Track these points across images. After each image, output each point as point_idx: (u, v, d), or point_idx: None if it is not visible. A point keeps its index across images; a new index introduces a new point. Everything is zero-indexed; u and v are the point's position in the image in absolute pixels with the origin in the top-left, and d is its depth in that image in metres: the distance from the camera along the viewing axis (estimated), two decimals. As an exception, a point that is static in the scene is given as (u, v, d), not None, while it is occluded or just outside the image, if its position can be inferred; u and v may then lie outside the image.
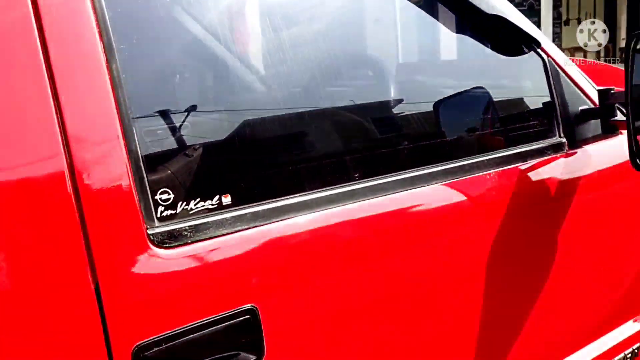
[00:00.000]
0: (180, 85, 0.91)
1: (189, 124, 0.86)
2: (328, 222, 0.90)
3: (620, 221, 1.37)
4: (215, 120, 0.92)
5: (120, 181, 0.73)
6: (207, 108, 0.93)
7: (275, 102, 1.00)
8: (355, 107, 1.13)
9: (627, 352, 1.42)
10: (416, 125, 1.14)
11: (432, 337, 1.05)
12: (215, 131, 0.90)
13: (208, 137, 0.89)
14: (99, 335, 0.70)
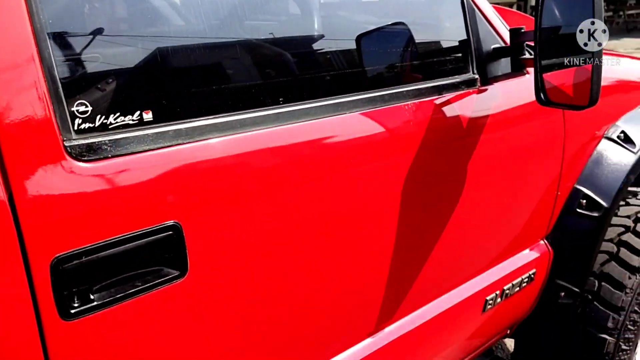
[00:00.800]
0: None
1: (111, 38, 0.83)
2: (248, 144, 0.91)
3: (524, 156, 1.47)
4: (139, 36, 0.88)
5: (33, 90, 0.70)
6: (131, 23, 0.90)
7: (200, 24, 0.98)
8: (280, 38, 1.12)
9: (524, 277, 1.55)
10: (338, 56, 1.16)
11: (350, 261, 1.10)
12: (139, 47, 0.87)
13: (131, 52, 0.86)
14: (15, 247, 0.68)
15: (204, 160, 0.85)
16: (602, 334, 1.68)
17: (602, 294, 1.68)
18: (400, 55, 1.26)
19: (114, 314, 0.77)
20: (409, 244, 1.21)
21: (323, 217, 1.02)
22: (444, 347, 1.42)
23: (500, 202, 1.44)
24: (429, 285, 1.29)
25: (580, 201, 1.63)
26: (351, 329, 1.15)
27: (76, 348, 0.75)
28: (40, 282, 0.70)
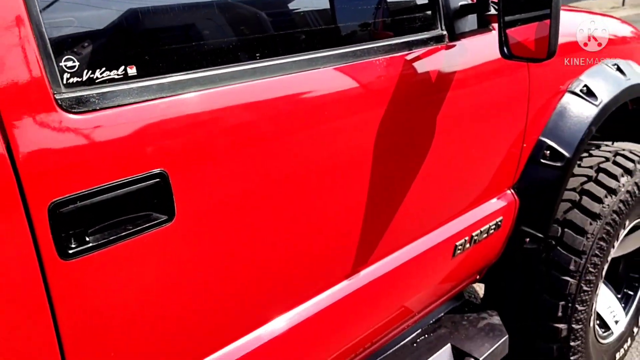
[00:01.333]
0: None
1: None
2: (227, 97, 0.96)
3: (490, 110, 1.54)
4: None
5: (24, 47, 0.74)
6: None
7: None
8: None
9: (491, 224, 1.65)
10: (312, 14, 1.20)
11: (327, 208, 1.17)
12: (123, 5, 0.91)
13: (115, 10, 0.90)
14: (15, 193, 0.74)
15: (186, 113, 0.90)
16: (564, 276, 1.79)
17: (565, 239, 1.79)
18: (370, 12, 1.31)
19: (108, 254, 0.83)
20: (383, 193, 1.28)
21: (300, 167, 1.09)
22: (418, 289, 1.51)
23: (467, 153, 1.52)
24: (402, 231, 1.37)
25: (544, 152, 1.72)
26: (330, 272, 1.24)
27: (74, 286, 0.81)
28: (39, 226, 0.76)
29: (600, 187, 1.84)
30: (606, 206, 1.82)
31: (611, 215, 1.84)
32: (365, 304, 1.34)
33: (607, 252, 1.87)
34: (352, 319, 1.34)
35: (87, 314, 0.84)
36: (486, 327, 1.75)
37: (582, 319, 1.87)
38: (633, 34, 2.24)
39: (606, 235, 1.84)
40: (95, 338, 0.86)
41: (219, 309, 1.02)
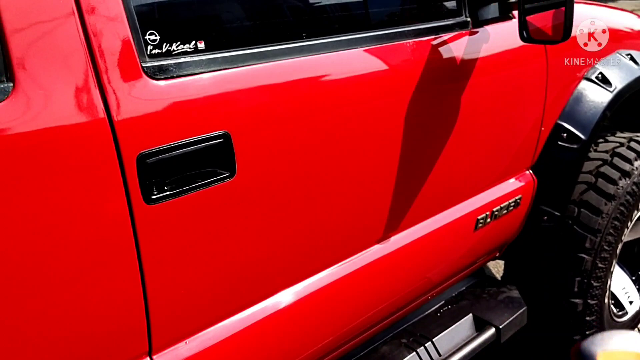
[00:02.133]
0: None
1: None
2: (279, 71, 1.10)
3: (511, 94, 1.66)
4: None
5: (118, 22, 0.88)
6: None
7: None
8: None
9: (511, 202, 1.76)
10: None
11: (362, 177, 1.30)
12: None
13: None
14: (111, 146, 0.87)
15: (244, 83, 1.04)
16: (580, 253, 1.90)
17: (581, 218, 1.90)
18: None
19: (182, 203, 0.97)
20: (411, 167, 1.41)
21: (339, 137, 1.21)
22: (442, 259, 1.64)
23: (490, 134, 1.64)
24: (429, 202, 1.49)
25: (561, 135, 1.83)
26: (363, 235, 1.36)
27: (156, 228, 0.95)
28: (130, 174, 0.90)
29: (615, 170, 1.94)
30: (620, 188, 1.93)
31: (625, 196, 1.94)
32: (394, 268, 1.47)
33: (621, 232, 1.97)
34: (382, 282, 1.46)
35: (165, 252, 0.98)
36: (506, 299, 1.86)
37: (597, 295, 1.97)
38: (648, 28, 2.34)
39: (620, 215, 1.94)
40: (171, 272, 1.00)
41: (272, 256, 1.16)
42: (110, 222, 0.90)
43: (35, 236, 0.83)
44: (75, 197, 0.86)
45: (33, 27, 0.81)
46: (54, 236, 0.85)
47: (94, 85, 0.86)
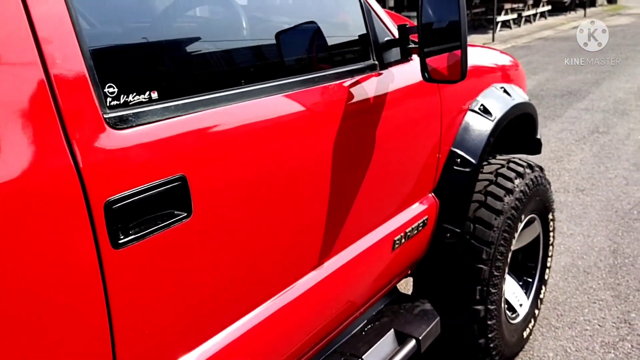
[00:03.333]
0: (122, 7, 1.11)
1: (126, 36, 1.07)
2: (222, 115, 1.18)
3: (413, 126, 1.86)
4: (143, 36, 1.13)
5: (81, 78, 0.93)
6: (139, 27, 1.14)
7: (182, 32, 1.25)
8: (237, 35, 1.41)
9: (419, 222, 1.95)
10: (274, 49, 1.46)
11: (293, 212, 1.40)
12: (145, 43, 1.11)
13: (140, 46, 1.10)
14: (80, 194, 0.91)
15: (195, 128, 1.11)
16: (479, 264, 2.13)
17: (477, 233, 2.14)
18: (317, 47, 1.59)
19: (145, 245, 1.01)
20: (333, 198, 1.53)
21: (273, 176, 1.31)
22: (367, 279, 1.77)
23: (398, 162, 1.82)
24: (352, 229, 1.63)
25: (456, 160, 2.07)
26: (300, 263, 1.46)
27: (122, 272, 0.99)
28: (98, 220, 0.93)
29: (500, 188, 2.22)
30: (506, 204, 2.20)
31: (510, 211, 2.22)
32: (327, 293, 1.58)
33: (510, 242, 2.25)
34: (318, 307, 1.56)
35: (130, 293, 1.01)
36: (421, 313, 2.03)
37: (495, 301, 2.22)
38: (511, 62, 2.71)
39: (508, 228, 2.21)
40: (138, 311, 1.03)
41: (224, 290, 1.22)
42: (79, 269, 0.93)
43: (6, 282, 0.84)
44: (47, 244, 0.88)
45: (3, 89, 0.84)
46: (24, 282, 0.86)
47: (61, 137, 0.89)
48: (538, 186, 2.39)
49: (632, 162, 5.11)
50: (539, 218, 2.56)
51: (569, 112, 7.03)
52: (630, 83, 8.65)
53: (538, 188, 2.39)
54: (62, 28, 0.92)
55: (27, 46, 0.86)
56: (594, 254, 3.45)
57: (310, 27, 1.55)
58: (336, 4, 1.66)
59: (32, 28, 0.87)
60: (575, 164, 5.15)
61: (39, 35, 0.88)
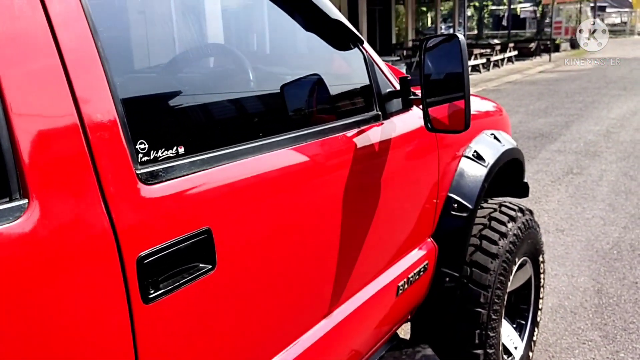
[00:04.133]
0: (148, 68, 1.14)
1: (154, 93, 1.10)
2: (242, 168, 1.20)
3: (415, 171, 1.91)
4: (172, 95, 1.16)
5: (115, 134, 0.95)
6: (165, 84, 1.17)
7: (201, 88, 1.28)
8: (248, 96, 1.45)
9: (420, 267, 1.98)
10: (285, 102, 1.50)
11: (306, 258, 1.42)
12: (170, 101, 1.14)
13: (167, 104, 1.13)
14: (114, 249, 0.91)
15: (219, 181, 1.13)
16: (477, 308, 2.15)
17: (474, 277, 2.17)
18: (326, 100, 1.64)
19: (173, 299, 1.01)
20: (342, 246, 1.55)
21: (291, 226, 1.33)
22: (373, 325, 1.78)
23: (401, 208, 1.86)
24: (359, 276, 1.64)
25: (453, 205, 2.11)
26: (313, 312, 1.47)
27: (151, 326, 0.98)
28: (130, 275, 0.93)
29: (494, 232, 2.27)
30: (501, 247, 2.24)
31: (505, 254, 2.26)
32: (333, 344, 1.57)
33: (505, 285, 2.28)
34: (327, 356, 1.55)
35: (158, 347, 1.00)
36: (423, 358, 2.04)
37: (493, 344, 2.23)
38: (495, 107, 2.80)
39: (504, 271, 2.25)
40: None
41: (248, 339, 1.21)
42: (111, 325, 0.92)
43: (45, 334, 0.83)
44: (80, 300, 0.88)
45: (43, 144, 0.85)
46: (57, 336, 0.85)
47: (97, 192, 0.90)
48: (529, 229, 2.45)
49: (607, 202, 5.26)
50: (530, 260, 2.61)
51: (543, 154, 7.24)
52: (599, 125, 8.97)
53: (529, 231, 2.45)
54: (99, 88, 0.94)
55: (67, 106, 0.88)
56: (579, 294, 3.51)
57: (318, 80, 1.60)
58: (341, 58, 1.72)
59: (72, 89, 0.89)
60: (553, 205, 5.27)
61: (78, 95, 0.90)
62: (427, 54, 1.60)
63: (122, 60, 1.09)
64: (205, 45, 1.45)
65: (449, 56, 1.57)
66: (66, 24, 0.92)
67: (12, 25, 0.85)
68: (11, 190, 0.81)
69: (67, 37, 0.91)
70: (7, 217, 0.79)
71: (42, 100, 0.87)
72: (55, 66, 0.89)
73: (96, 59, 0.95)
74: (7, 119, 0.81)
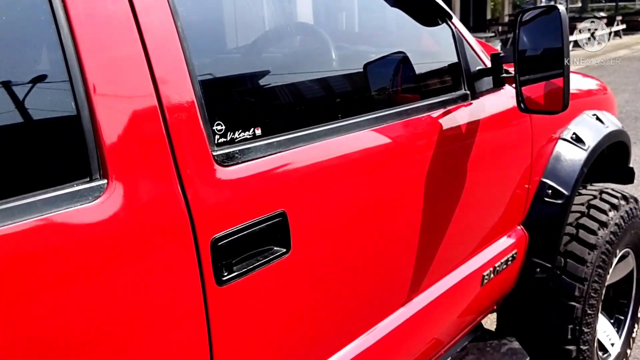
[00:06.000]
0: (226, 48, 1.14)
1: (232, 74, 1.09)
2: (319, 150, 1.17)
3: (504, 156, 1.79)
4: (250, 75, 1.15)
5: (193, 115, 0.94)
6: (242, 64, 1.17)
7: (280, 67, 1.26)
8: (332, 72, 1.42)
9: (508, 256, 1.87)
10: (374, 81, 1.44)
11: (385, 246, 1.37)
12: (248, 82, 1.13)
13: (244, 85, 1.12)
14: (189, 230, 0.91)
15: (295, 163, 1.11)
16: (571, 301, 2.01)
17: (569, 268, 2.03)
18: (409, 78, 1.56)
19: (246, 282, 1.00)
20: (425, 231, 1.49)
21: (373, 210, 1.29)
22: (455, 314, 1.71)
23: (489, 194, 1.76)
24: (443, 262, 1.57)
25: (547, 191, 1.97)
26: (392, 299, 1.42)
27: (224, 309, 0.98)
28: (204, 257, 0.93)
29: (593, 221, 2.10)
30: (600, 237, 2.08)
31: (605, 245, 2.09)
32: (416, 330, 1.52)
33: (604, 279, 2.11)
34: (406, 345, 1.51)
35: (232, 331, 1.00)
36: (509, 352, 1.94)
37: (588, 341, 2.08)
38: (599, 86, 2.58)
39: (602, 263, 2.08)
40: (239, 347, 1.02)
41: (322, 326, 1.19)
42: (184, 305, 0.93)
43: (121, 316, 0.84)
44: (154, 280, 0.88)
45: (123, 125, 0.86)
46: (134, 318, 0.87)
47: (174, 173, 0.90)
48: (633, 219, 2.25)
49: None
50: (633, 252, 2.40)
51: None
52: None
53: (633, 221, 2.25)
54: (177, 69, 0.94)
55: (146, 87, 0.88)
56: (690, 290, 3.21)
57: (403, 58, 1.53)
58: (428, 34, 1.64)
59: (151, 70, 0.90)
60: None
61: (157, 76, 0.90)
62: (522, 28, 1.48)
63: (201, 41, 1.08)
64: (285, 24, 1.42)
65: (547, 30, 1.45)
66: (148, 5, 0.92)
67: (96, 7, 0.86)
68: (91, 170, 0.82)
69: (148, 19, 0.92)
70: (86, 197, 0.80)
71: (122, 81, 0.87)
72: (136, 48, 0.89)
73: (175, 40, 0.95)
74: (89, 100, 0.82)
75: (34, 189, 0.76)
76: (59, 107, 0.83)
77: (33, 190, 0.76)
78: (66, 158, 0.83)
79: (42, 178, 0.78)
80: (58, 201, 0.77)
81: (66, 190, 0.79)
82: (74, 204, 0.78)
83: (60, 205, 0.77)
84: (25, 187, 0.76)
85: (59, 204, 0.77)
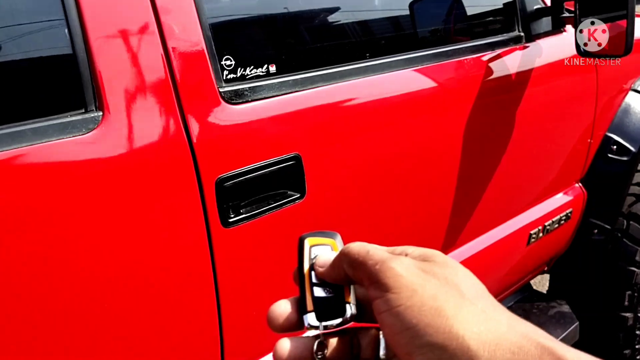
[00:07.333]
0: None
1: (245, 6, 1.03)
2: (347, 91, 1.10)
3: (562, 107, 1.64)
4: (264, 6, 1.08)
5: (197, 48, 0.89)
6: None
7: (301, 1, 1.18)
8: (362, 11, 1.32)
9: (562, 215, 1.74)
10: (396, 21, 1.34)
11: (425, 194, 1.30)
12: (264, 14, 1.06)
13: (259, 17, 1.06)
14: (191, 170, 0.88)
15: (314, 104, 1.04)
16: (631, 266, 1.87)
17: (631, 231, 1.87)
18: (453, 16, 1.44)
19: (256, 225, 0.97)
20: (467, 181, 1.39)
21: (402, 156, 1.22)
22: (496, 273, 1.62)
23: (542, 147, 1.62)
24: (485, 217, 1.48)
25: (611, 147, 1.81)
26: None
27: (231, 251, 0.96)
28: (208, 198, 0.90)
29: (663, 182, 1.92)
30: (669, 200, 1.89)
31: (675, 208, 1.91)
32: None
33: (670, 244, 1.94)
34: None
35: (238, 274, 0.98)
36: (557, 315, 1.83)
37: (647, 309, 1.94)
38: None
39: (670, 227, 1.91)
40: (244, 293, 1.00)
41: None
42: (189, 245, 0.91)
43: (119, 255, 0.84)
44: (157, 220, 0.87)
45: (120, 55, 0.82)
46: (136, 257, 0.86)
47: (176, 110, 0.87)
48: None
49: None
50: None
51: None
52: None
53: None
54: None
55: (145, 15, 0.84)
56: None
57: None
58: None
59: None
60: None
61: (158, 4, 0.86)
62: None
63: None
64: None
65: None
66: None
67: None
68: (86, 101, 0.80)
69: None
70: (79, 129, 0.78)
71: (118, 5, 0.83)
72: None
73: None
74: (83, 27, 0.79)
75: (23, 118, 0.75)
76: (50, 34, 0.81)
77: (22, 119, 0.75)
78: (59, 87, 0.81)
79: (32, 107, 0.77)
80: (49, 131, 0.76)
81: (58, 120, 0.77)
82: (65, 135, 0.77)
83: (51, 135, 0.75)
84: (12, 116, 0.74)
85: (50, 134, 0.75)
